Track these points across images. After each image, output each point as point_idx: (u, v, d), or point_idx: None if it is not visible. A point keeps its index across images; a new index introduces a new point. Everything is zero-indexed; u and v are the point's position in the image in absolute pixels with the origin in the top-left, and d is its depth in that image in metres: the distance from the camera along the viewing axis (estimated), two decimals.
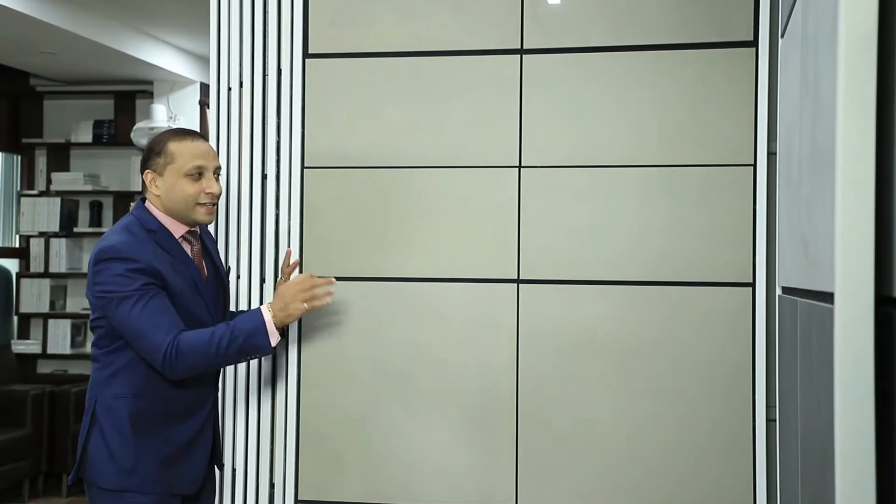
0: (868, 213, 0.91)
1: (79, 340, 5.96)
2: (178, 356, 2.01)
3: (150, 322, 2.01)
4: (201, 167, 2.13)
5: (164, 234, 2.12)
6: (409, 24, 2.41)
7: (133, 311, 2.01)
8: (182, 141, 2.14)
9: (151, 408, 2.09)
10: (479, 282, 2.35)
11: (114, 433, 2.06)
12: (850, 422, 0.92)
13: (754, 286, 2.23)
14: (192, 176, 2.12)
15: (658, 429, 2.26)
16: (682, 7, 2.27)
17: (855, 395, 0.91)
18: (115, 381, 2.08)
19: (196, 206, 2.13)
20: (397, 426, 2.38)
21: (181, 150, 2.12)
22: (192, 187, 2.12)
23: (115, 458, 2.05)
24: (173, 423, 2.11)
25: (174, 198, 2.12)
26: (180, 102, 5.94)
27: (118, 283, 2.02)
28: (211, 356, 2.05)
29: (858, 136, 0.92)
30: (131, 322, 2.02)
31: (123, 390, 2.07)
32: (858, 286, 0.92)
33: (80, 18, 4.82)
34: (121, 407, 2.06)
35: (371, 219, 2.40)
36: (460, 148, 2.37)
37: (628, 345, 2.28)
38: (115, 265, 2.02)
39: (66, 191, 6.00)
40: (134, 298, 2.01)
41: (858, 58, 0.92)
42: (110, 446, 2.05)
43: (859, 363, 0.91)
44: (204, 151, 2.15)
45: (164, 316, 2.03)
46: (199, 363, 2.05)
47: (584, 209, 2.31)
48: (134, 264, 2.02)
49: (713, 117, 2.25)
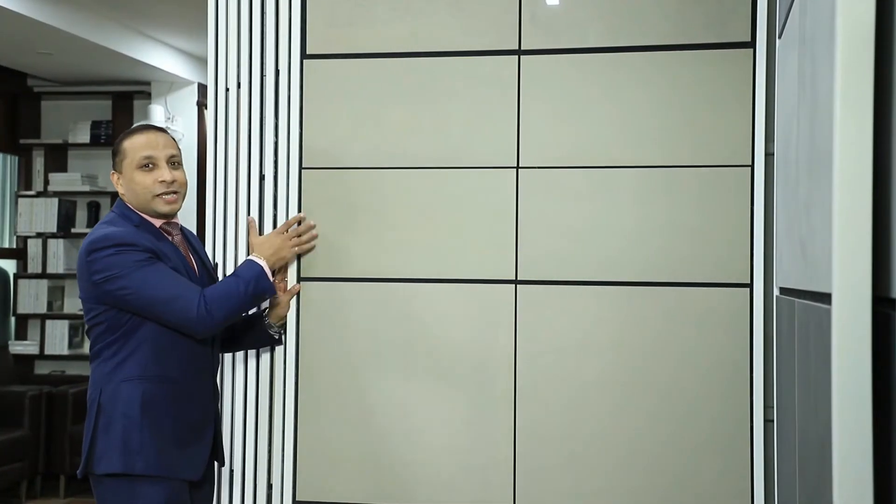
0: (865, 213, 0.91)
1: (76, 341, 5.95)
2: (213, 306, 2.08)
3: (171, 283, 2.08)
4: (150, 157, 2.15)
5: (146, 226, 2.16)
6: (407, 25, 2.41)
7: (149, 278, 2.05)
8: (133, 136, 2.18)
9: (159, 389, 2.10)
10: (477, 283, 2.35)
11: (121, 417, 2.07)
12: (847, 422, 0.91)
13: (752, 287, 2.23)
14: (144, 167, 2.14)
15: (656, 429, 2.26)
16: (679, 8, 2.27)
17: (852, 396, 0.91)
18: (123, 367, 2.10)
19: (154, 198, 2.15)
20: (395, 427, 2.38)
21: (131, 145, 2.16)
22: (146, 178, 2.14)
23: (123, 441, 2.06)
24: (180, 404, 2.13)
25: (134, 192, 2.15)
26: (178, 103, 5.94)
27: (118, 262, 2.05)
28: (238, 299, 2.15)
29: (856, 136, 0.92)
30: (148, 288, 2.05)
31: (132, 372, 2.09)
32: (856, 287, 0.91)
33: (78, 19, 4.82)
34: (129, 389, 2.08)
35: (369, 220, 2.40)
36: (458, 148, 2.37)
37: (626, 346, 2.28)
38: (111, 249, 2.06)
39: (64, 191, 5.99)
40: (143, 267, 2.05)
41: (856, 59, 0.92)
42: (119, 431, 2.06)
43: (856, 364, 0.91)
44: (152, 141, 2.17)
45: (180, 278, 2.11)
46: (233, 308, 2.14)
47: (582, 210, 2.31)
48: (130, 245, 2.06)
49: (711, 118, 2.26)
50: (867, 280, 0.91)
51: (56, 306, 6.03)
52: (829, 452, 0.94)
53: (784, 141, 1.84)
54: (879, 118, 0.92)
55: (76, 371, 5.91)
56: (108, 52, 5.17)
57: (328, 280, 2.41)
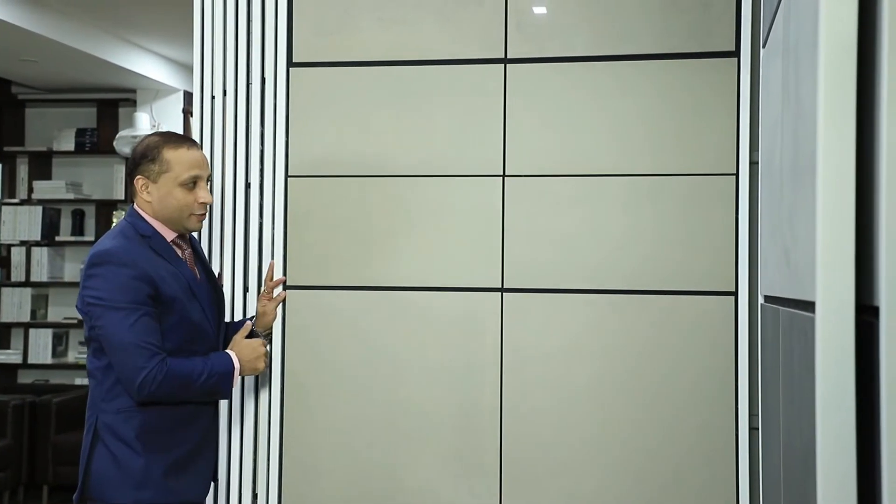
0: (849, 222, 0.91)
1: (60, 350, 5.91)
2: (163, 381, 1.99)
3: (138, 340, 1.98)
4: (197, 177, 2.13)
5: (157, 239, 2.11)
6: (394, 33, 2.41)
7: (123, 324, 1.98)
8: (178, 149, 2.12)
9: (155, 418, 2.06)
10: (464, 290, 2.35)
11: (120, 446, 2.03)
12: (831, 430, 0.92)
13: (737, 295, 2.23)
14: (188, 185, 2.11)
15: (642, 438, 2.26)
16: (665, 17, 2.29)
17: (836, 404, 0.91)
18: (116, 396, 2.05)
19: (190, 216, 2.13)
20: (381, 437, 2.37)
21: (178, 159, 2.11)
22: (187, 197, 2.11)
23: (124, 471, 2.02)
24: (178, 430, 2.10)
25: (168, 206, 2.11)
26: (163, 111, 5.92)
27: (110, 290, 1.99)
28: (186, 388, 2.05)
29: (839, 145, 0.92)
30: (118, 335, 1.99)
31: (126, 404, 2.04)
32: (839, 295, 0.92)
33: (63, 26, 4.80)
34: (125, 421, 2.04)
35: (355, 228, 2.40)
36: (444, 157, 2.37)
37: (612, 354, 2.28)
38: (108, 269, 2.00)
39: (48, 199, 5.96)
40: (125, 311, 1.99)
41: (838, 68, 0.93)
42: (118, 460, 2.03)
43: (840, 372, 0.91)
44: (200, 160, 2.15)
45: (153, 336, 2.01)
46: (175, 393, 2.05)
47: (568, 218, 2.31)
48: (127, 270, 2.00)
49: (696, 127, 2.27)
50: (851, 288, 0.91)
51: (40, 315, 5.98)
52: (814, 460, 0.95)
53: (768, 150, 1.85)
54: (862, 127, 0.92)
55: (60, 380, 5.86)
56: (93, 60, 5.16)
57: (314, 288, 2.41)
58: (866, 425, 0.91)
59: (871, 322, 0.89)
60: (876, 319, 0.87)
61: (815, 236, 0.94)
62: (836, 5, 0.92)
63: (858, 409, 0.91)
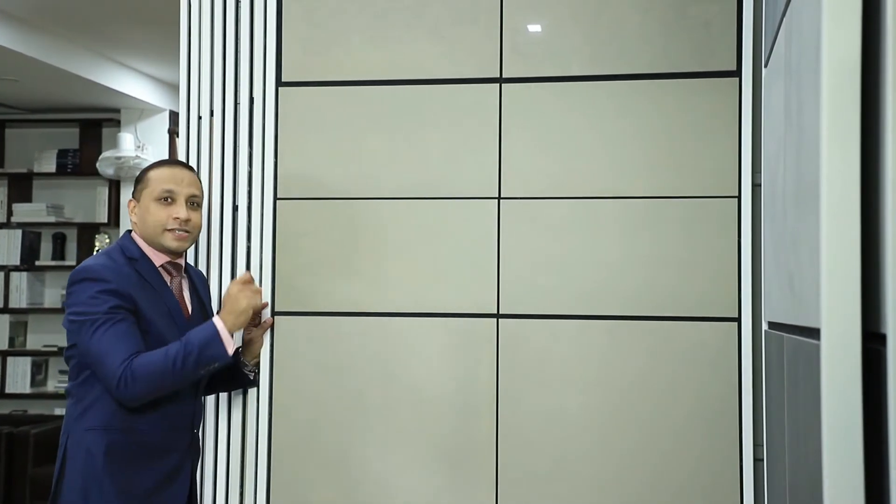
0: (854, 247, 0.90)
1: (39, 379, 5.78)
2: (134, 379, 1.95)
3: (108, 347, 1.97)
4: (171, 191, 2.12)
5: (144, 262, 2.11)
6: (386, 52, 2.36)
7: (96, 336, 1.97)
8: (159, 168, 2.16)
9: (123, 441, 2.02)
10: (458, 316, 2.29)
11: (84, 467, 1.99)
12: (838, 460, 0.90)
13: (740, 321, 2.18)
14: (162, 200, 2.11)
15: (642, 467, 2.20)
16: (664, 36, 2.25)
17: (843, 433, 0.91)
18: (87, 414, 2.02)
19: (164, 232, 2.11)
20: (372, 465, 2.29)
21: (155, 176, 2.14)
22: (162, 212, 2.11)
23: (86, 496, 1.99)
24: (146, 460, 2.05)
25: (146, 222, 2.12)
26: (149, 131, 5.85)
27: (88, 304, 1.99)
28: (168, 374, 1.98)
29: (843, 168, 0.92)
30: (92, 346, 1.98)
31: (94, 423, 2.02)
32: (845, 322, 0.91)
33: (45, 44, 4.73)
34: (91, 440, 2.00)
35: (346, 251, 2.34)
36: (438, 179, 2.32)
37: (611, 381, 2.22)
38: (86, 285, 2.00)
39: (28, 222, 5.87)
40: (99, 322, 1.98)
41: (842, 88, 0.93)
42: (82, 482, 1.99)
43: (847, 400, 0.91)
44: (176, 176, 2.14)
45: (123, 340, 1.98)
46: (157, 383, 1.99)
47: (566, 241, 2.26)
48: (105, 284, 1.99)
49: (696, 148, 2.22)
50: (857, 315, 0.91)
51: (18, 342, 5.86)
52: (821, 492, 0.94)
53: (771, 172, 1.82)
54: (866, 149, 0.91)
55: (38, 410, 5.74)
56: (76, 79, 5.08)
57: (303, 314, 2.34)
58: (874, 456, 0.90)
59: (878, 350, 0.88)
60: (883, 347, 0.86)
61: (820, 261, 0.94)
62: (839, 26, 0.92)
63: (866, 440, 0.90)
